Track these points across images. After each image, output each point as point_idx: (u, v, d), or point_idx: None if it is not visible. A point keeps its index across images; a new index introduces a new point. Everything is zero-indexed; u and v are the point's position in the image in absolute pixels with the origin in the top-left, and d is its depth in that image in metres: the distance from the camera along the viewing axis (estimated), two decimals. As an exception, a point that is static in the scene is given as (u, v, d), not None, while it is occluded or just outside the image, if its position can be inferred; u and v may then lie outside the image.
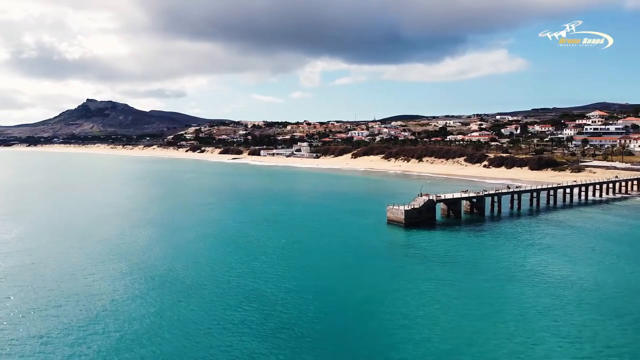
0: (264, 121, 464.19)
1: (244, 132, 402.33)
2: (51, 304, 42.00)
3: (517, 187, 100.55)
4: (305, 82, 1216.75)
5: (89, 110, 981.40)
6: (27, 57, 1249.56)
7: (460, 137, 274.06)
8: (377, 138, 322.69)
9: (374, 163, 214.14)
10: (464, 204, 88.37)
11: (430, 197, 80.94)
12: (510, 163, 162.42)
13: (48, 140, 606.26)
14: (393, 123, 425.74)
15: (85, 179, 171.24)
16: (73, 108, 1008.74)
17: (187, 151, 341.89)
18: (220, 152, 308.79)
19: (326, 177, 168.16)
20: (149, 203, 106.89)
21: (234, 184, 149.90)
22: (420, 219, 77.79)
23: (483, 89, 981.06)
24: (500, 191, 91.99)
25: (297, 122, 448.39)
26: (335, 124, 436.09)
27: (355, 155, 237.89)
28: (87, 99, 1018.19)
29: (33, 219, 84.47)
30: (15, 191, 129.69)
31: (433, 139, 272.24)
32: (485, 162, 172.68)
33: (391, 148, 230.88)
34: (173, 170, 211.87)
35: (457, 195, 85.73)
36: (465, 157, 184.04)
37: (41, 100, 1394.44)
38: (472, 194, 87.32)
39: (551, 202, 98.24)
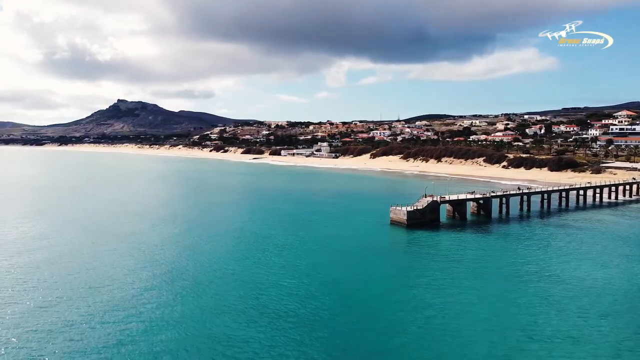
0: (287, 121, 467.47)
1: (267, 132, 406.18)
2: (75, 295, 44.55)
3: (528, 188, 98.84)
4: (331, 82, 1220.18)
5: (120, 110, 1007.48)
6: (59, 59, 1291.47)
7: (483, 137, 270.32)
8: (399, 138, 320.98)
9: (392, 163, 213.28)
10: (471, 205, 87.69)
11: (434, 198, 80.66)
12: (529, 164, 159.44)
13: (79, 140, 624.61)
14: (417, 123, 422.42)
15: (107, 177, 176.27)
16: (104, 108, 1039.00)
17: (210, 151, 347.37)
18: (243, 152, 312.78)
19: (341, 177, 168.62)
20: (165, 202, 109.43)
21: (248, 183, 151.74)
22: (424, 220, 77.55)
23: (512, 88, 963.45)
24: (508, 192, 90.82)
25: (320, 122, 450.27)
26: (358, 123, 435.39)
27: (374, 156, 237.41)
28: (118, 100, 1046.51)
29: (60, 216, 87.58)
30: (42, 189, 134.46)
31: (455, 139, 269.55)
32: (505, 163, 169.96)
33: (410, 148, 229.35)
34: (193, 170, 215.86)
35: (462, 196, 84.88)
36: (484, 158, 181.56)
37: (74, 101, 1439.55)
38: (478, 195, 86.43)
39: (563, 204, 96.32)
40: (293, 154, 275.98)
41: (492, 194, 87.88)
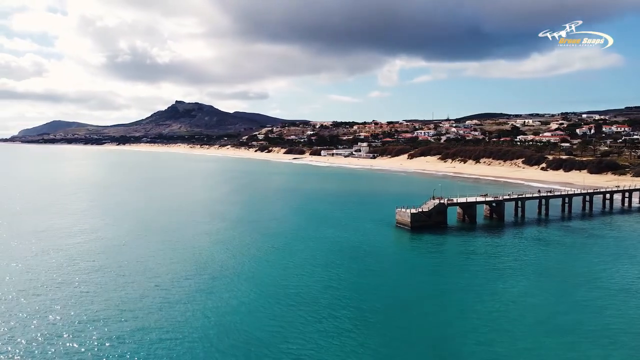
0: (333, 121, 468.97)
1: (311, 132, 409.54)
2: (128, 281, 49.30)
3: (549, 191, 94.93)
4: (383, 81, 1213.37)
5: (178, 111, 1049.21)
6: (121, 61, 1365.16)
7: (531, 137, 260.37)
8: (443, 138, 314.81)
9: (429, 164, 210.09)
10: (484, 209, 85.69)
11: (442, 201, 79.52)
12: (568, 166, 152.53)
13: (137, 140, 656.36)
14: (468, 122, 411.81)
15: (150, 176, 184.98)
16: (163, 109, 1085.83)
17: (255, 151, 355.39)
18: (285, 152, 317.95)
19: (370, 178, 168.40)
20: (195, 201, 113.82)
21: (276, 182, 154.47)
22: (429, 222, 76.69)
23: (574, 86, 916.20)
24: (524, 195, 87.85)
25: (365, 122, 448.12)
26: (404, 123, 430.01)
27: (411, 156, 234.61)
28: (176, 101, 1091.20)
29: (109, 212, 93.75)
30: (96, 187, 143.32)
31: (502, 139, 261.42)
32: (543, 165, 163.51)
33: (450, 149, 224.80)
34: (230, 169, 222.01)
35: (471, 199, 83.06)
36: (523, 159, 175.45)
37: (136, 102, 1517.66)
38: (490, 198, 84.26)
39: (587, 208, 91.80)
40: (332, 154, 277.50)
41: (506, 197, 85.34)
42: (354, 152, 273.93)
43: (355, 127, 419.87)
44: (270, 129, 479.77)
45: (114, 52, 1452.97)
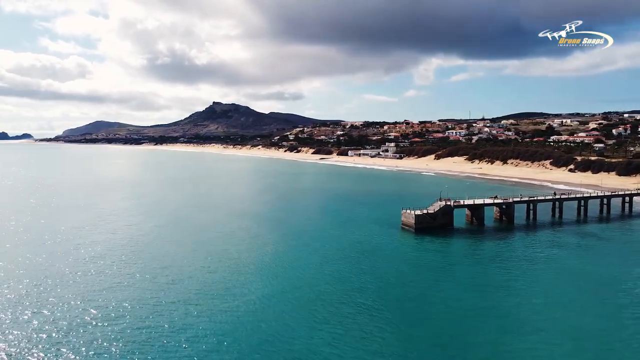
0: (364, 121, 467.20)
1: (341, 132, 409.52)
2: (163, 273, 53.36)
3: (562, 193, 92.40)
4: (419, 80, 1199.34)
5: (215, 112, 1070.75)
6: (161, 63, 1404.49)
7: (565, 137, 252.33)
8: (475, 138, 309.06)
9: (455, 165, 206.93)
10: (494, 211, 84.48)
11: (448, 202, 78.91)
12: (597, 168, 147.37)
13: (174, 140, 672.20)
14: (503, 122, 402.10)
15: (181, 175, 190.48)
16: (201, 110, 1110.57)
17: (285, 151, 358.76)
18: (313, 152, 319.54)
19: (391, 179, 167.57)
20: (211, 202, 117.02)
21: (294, 182, 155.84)
22: (435, 224, 76.42)
23: (618, 84, 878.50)
24: (536, 198, 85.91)
25: (396, 122, 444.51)
26: (438, 122, 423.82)
27: (438, 157, 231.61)
28: (214, 102, 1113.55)
29: (145, 210, 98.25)
30: (129, 185, 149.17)
31: (535, 140, 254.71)
32: (571, 166, 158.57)
33: (478, 149, 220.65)
34: (251, 169, 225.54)
35: (479, 201, 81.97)
36: (551, 160, 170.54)
37: (175, 103, 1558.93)
38: (499, 200, 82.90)
39: (604, 211, 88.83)
40: (359, 155, 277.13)
41: (516, 199, 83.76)
42: (380, 153, 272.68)
43: (385, 127, 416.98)
44: (301, 129, 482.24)
45: (154, 54, 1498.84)
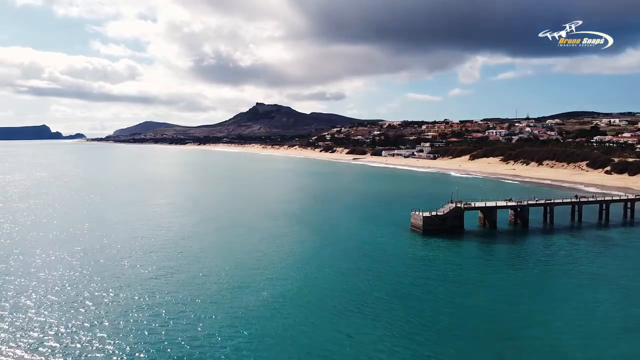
0: (402, 121, 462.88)
1: (378, 132, 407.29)
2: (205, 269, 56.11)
3: (582, 196, 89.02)
4: (464, 78, 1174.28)
5: (258, 113, 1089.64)
6: (207, 65, 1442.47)
7: (608, 138, 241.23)
8: (515, 138, 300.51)
9: (490, 165, 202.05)
10: (509, 214, 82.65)
11: (459, 205, 77.91)
12: (633, 170, 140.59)
13: (217, 140, 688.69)
14: (548, 121, 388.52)
15: (209, 175, 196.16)
16: (245, 111, 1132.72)
17: (320, 151, 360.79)
18: (347, 153, 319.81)
19: (419, 179, 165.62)
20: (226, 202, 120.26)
21: (320, 181, 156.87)
22: (444, 226, 75.63)
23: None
24: (553, 201, 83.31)
25: (435, 121, 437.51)
26: (479, 122, 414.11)
27: (473, 157, 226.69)
28: (257, 103, 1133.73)
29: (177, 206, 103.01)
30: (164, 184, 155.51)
31: (578, 140, 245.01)
32: (608, 168, 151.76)
33: (514, 150, 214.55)
34: (283, 169, 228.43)
35: (491, 203, 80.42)
36: (587, 162, 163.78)
37: (221, 104, 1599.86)
38: (512, 203, 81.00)
39: (627, 216, 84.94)
40: (393, 155, 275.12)
41: (531, 202, 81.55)
42: (415, 153, 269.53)
43: (423, 127, 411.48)
44: (338, 129, 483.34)
45: (200, 56, 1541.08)
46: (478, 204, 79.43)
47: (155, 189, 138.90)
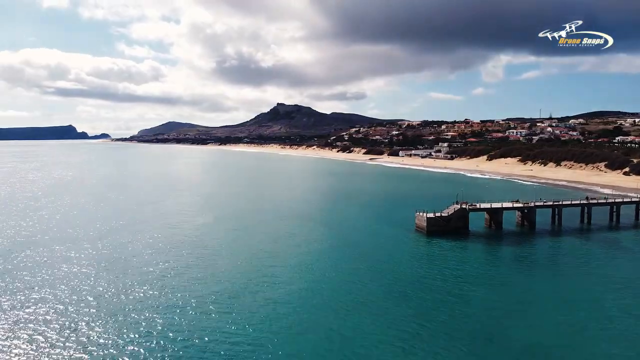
0: (422, 121, 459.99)
1: (397, 132, 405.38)
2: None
3: (592, 197, 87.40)
4: (487, 77, 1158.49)
5: (278, 113, 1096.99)
6: (229, 66, 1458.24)
7: (631, 138, 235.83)
8: (536, 138, 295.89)
9: (507, 166, 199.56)
10: (516, 215, 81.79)
11: (463, 205, 77.53)
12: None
13: (238, 140, 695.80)
14: (572, 121, 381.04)
15: (225, 175, 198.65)
16: (266, 111, 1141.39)
17: (338, 151, 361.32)
18: (364, 153, 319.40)
19: (431, 180, 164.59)
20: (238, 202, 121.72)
21: (330, 181, 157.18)
22: (448, 227, 75.38)
23: None
24: (561, 202, 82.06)
25: (455, 121, 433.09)
26: (500, 122, 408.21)
27: (491, 157, 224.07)
28: (277, 103, 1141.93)
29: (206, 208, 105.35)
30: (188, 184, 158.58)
31: (600, 140, 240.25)
32: (627, 169, 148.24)
33: (532, 150, 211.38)
34: (297, 169, 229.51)
35: (496, 204, 79.68)
36: (606, 162, 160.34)
37: (243, 104, 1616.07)
38: (519, 204, 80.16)
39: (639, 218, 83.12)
40: (410, 155, 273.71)
41: (538, 204, 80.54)
42: (432, 153, 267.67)
43: (443, 127, 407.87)
44: (357, 129, 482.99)
45: (222, 57, 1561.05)
46: (483, 205, 78.79)
47: (166, 188, 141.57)
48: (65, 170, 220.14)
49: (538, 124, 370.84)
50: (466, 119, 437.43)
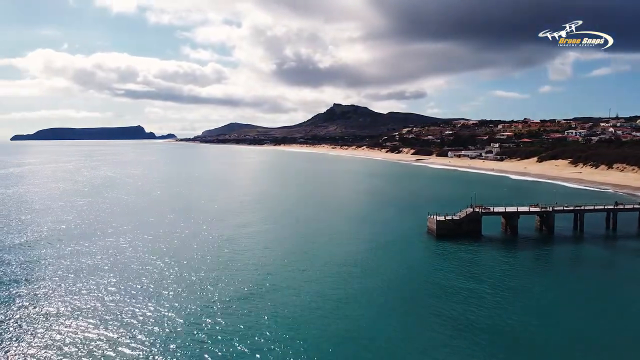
0: (479, 120, 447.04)
1: (450, 132, 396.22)
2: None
3: (620, 202, 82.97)
4: (554, 74, 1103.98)
5: (335, 113, 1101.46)
6: (288, 68, 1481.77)
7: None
8: (595, 139, 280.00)
9: (556, 168, 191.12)
10: (535, 220, 79.63)
11: (477, 209, 76.64)
12: None
13: (293, 140, 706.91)
14: (639, 121, 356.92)
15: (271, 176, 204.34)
16: (323, 112, 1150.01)
17: (387, 152, 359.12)
18: (413, 153, 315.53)
19: (470, 182, 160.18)
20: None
21: (364, 183, 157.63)
22: (459, 231, 74.81)
23: None
24: (583, 207, 78.77)
25: (512, 120, 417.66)
26: (562, 121, 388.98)
27: (541, 159, 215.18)
28: (334, 104, 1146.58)
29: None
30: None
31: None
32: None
33: (584, 151, 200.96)
34: (338, 170, 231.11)
35: (511, 208, 77.87)
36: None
37: (301, 105, 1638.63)
38: (536, 208, 77.92)
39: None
40: (459, 156, 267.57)
41: (557, 208, 77.86)
42: (482, 154, 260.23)
43: (499, 127, 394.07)
44: (410, 129, 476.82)
45: (282, 59, 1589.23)
46: (498, 209, 77.37)
47: (197, 186, 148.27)
48: (134, 169, 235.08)
49: (602, 124, 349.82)
50: (525, 119, 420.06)
